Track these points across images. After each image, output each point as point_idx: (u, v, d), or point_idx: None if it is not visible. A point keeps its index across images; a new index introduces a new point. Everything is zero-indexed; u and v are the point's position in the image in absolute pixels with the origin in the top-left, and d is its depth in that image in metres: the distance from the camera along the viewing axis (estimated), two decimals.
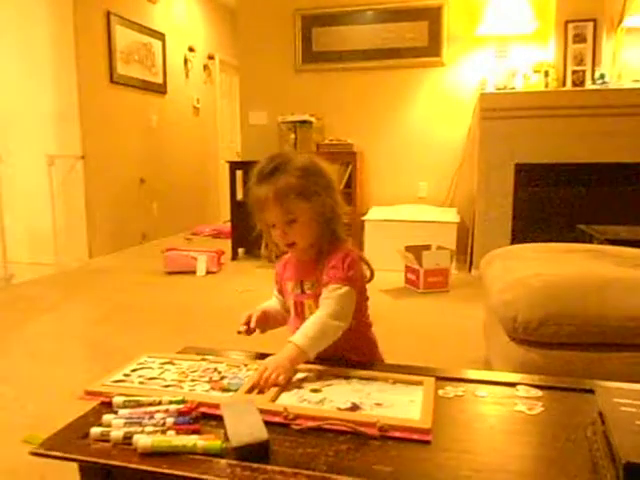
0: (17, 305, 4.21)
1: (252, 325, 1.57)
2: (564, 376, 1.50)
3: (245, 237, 5.65)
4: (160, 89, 6.89)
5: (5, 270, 4.77)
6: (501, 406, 1.24)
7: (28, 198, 5.42)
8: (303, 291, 1.58)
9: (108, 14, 5.81)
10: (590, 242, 3.51)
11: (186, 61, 7.57)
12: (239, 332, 1.57)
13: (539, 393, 1.30)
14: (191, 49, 7.66)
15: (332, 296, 1.46)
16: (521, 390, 1.31)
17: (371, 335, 1.67)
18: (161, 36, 6.85)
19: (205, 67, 8.16)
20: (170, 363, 1.45)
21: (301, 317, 1.57)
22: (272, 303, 1.72)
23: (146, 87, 6.57)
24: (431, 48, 5.51)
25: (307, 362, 1.40)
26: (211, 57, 8.29)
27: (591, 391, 1.26)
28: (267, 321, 1.62)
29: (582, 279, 2.13)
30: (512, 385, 1.34)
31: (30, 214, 5.45)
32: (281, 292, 1.71)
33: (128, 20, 6.16)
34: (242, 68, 6.20)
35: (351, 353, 1.53)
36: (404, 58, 5.59)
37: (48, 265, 5.24)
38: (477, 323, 3.10)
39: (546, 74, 4.79)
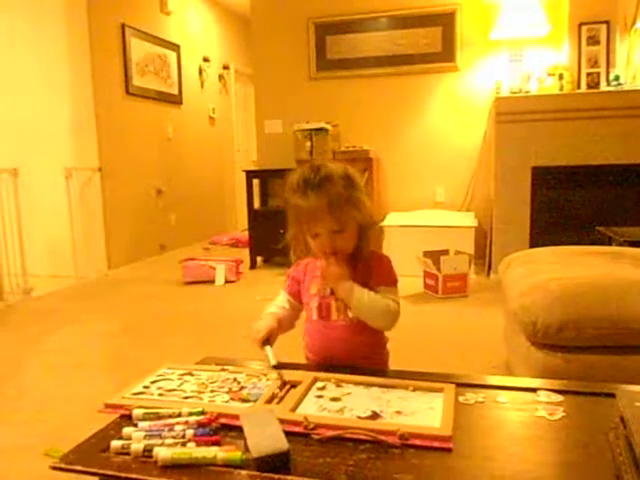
0: (37, 318, 4.24)
1: (272, 341, 1.56)
2: (586, 380, 1.49)
3: (263, 245, 5.67)
4: (176, 100, 6.93)
5: (25, 283, 4.81)
6: (522, 412, 1.23)
7: (46, 211, 5.47)
8: (332, 293, 1.59)
9: (123, 27, 5.86)
10: (609, 244, 3.48)
11: (201, 71, 7.61)
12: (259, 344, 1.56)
13: (560, 398, 1.29)
14: (206, 59, 7.70)
15: (390, 295, 1.54)
16: (542, 395, 1.30)
17: (387, 350, 1.70)
18: (176, 47, 6.90)
19: (220, 77, 8.21)
20: (189, 374, 1.45)
21: (326, 319, 1.59)
22: (281, 305, 1.71)
23: (162, 98, 6.61)
24: (445, 53, 5.51)
25: (326, 370, 1.40)
26: (226, 67, 8.33)
27: (612, 395, 1.25)
28: (280, 329, 1.62)
29: (602, 282, 2.11)
30: (533, 390, 1.33)
31: (48, 227, 5.49)
32: (294, 295, 1.71)
33: (143, 32, 6.21)
34: (257, 77, 6.23)
35: (367, 361, 1.55)
36: (418, 64, 5.59)
37: (67, 277, 5.28)
38: (497, 328, 3.08)
39: (560, 77, 4.77)
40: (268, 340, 1.54)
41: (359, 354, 1.55)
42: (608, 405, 1.23)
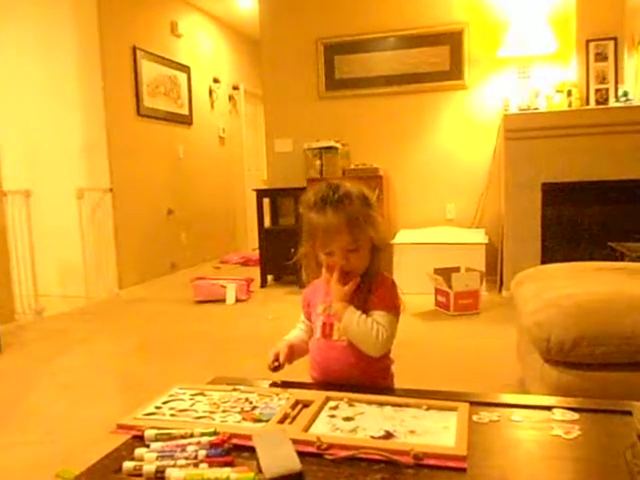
0: (48, 338, 4.25)
1: (281, 361, 1.57)
2: (601, 397, 1.47)
3: (274, 264, 5.67)
4: (186, 120, 6.98)
5: (36, 303, 4.82)
6: (537, 431, 1.22)
7: (58, 231, 5.50)
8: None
9: (134, 49, 5.92)
10: (621, 260, 3.46)
11: (211, 92, 7.67)
12: (271, 369, 1.57)
13: (575, 416, 1.27)
14: (216, 80, 7.76)
15: (383, 322, 1.51)
16: (557, 414, 1.28)
17: (391, 372, 1.66)
18: (186, 69, 6.96)
19: (230, 97, 8.27)
20: (201, 394, 1.44)
21: (328, 338, 1.58)
22: (297, 332, 1.72)
23: (172, 119, 6.66)
24: (453, 72, 5.53)
25: (339, 390, 1.39)
26: (236, 87, 8.40)
27: (629, 413, 1.24)
28: (293, 354, 1.61)
29: (615, 298, 2.09)
30: (548, 409, 1.32)
31: (60, 247, 5.52)
32: (307, 316, 1.71)
33: (154, 54, 6.27)
34: (267, 97, 6.26)
35: (367, 382, 1.53)
36: (427, 82, 5.61)
37: (78, 297, 5.30)
38: (510, 345, 3.06)
39: (569, 93, 4.78)
40: (279, 365, 1.56)
41: (356, 375, 1.52)
42: (624, 423, 1.22)
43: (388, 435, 1.18)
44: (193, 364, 3.45)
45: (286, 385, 1.46)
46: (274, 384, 1.52)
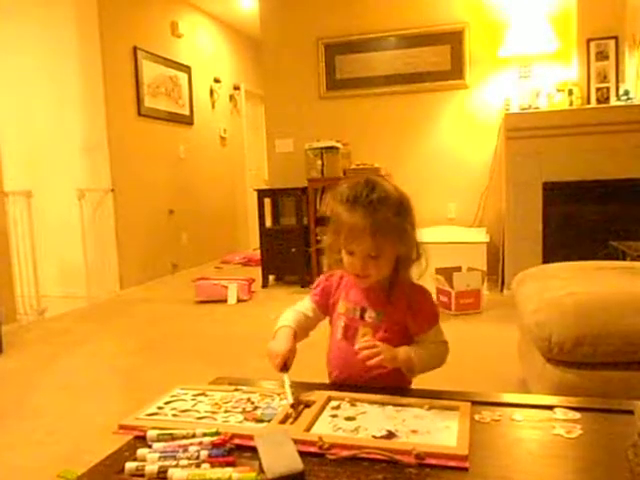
0: (50, 339, 4.25)
1: (289, 366, 1.46)
2: (603, 397, 1.47)
3: (275, 264, 5.68)
4: (187, 120, 6.99)
5: (38, 304, 4.83)
6: (539, 430, 1.22)
7: (59, 232, 5.51)
8: (362, 317, 1.53)
9: (135, 49, 5.93)
10: (623, 259, 3.46)
11: (212, 92, 7.67)
12: (278, 371, 1.46)
13: (577, 415, 1.27)
14: (217, 80, 7.76)
15: (436, 338, 1.54)
16: (559, 413, 1.28)
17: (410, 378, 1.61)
18: (187, 69, 6.96)
19: (231, 97, 8.27)
20: (203, 394, 1.44)
21: (351, 341, 1.52)
22: (299, 317, 1.61)
23: (173, 119, 6.67)
24: (454, 71, 5.53)
25: (340, 390, 1.39)
26: (237, 87, 8.40)
27: (630, 412, 1.23)
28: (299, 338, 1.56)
29: (616, 297, 2.09)
30: (549, 408, 1.31)
31: (61, 247, 5.53)
32: (321, 306, 1.63)
33: (154, 54, 6.27)
34: (267, 97, 6.27)
35: (393, 381, 1.49)
36: (427, 82, 5.61)
37: (80, 298, 5.30)
38: (511, 344, 3.06)
39: (570, 92, 4.78)
40: (286, 365, 1.44)
41: (380, 378, 1.46)
42: (626, 422, 1.22)
43: (390, 435, 1.18)
44: (195, 364, 3.46)
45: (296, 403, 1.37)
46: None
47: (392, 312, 1.50)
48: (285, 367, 1.44)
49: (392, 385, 1.48)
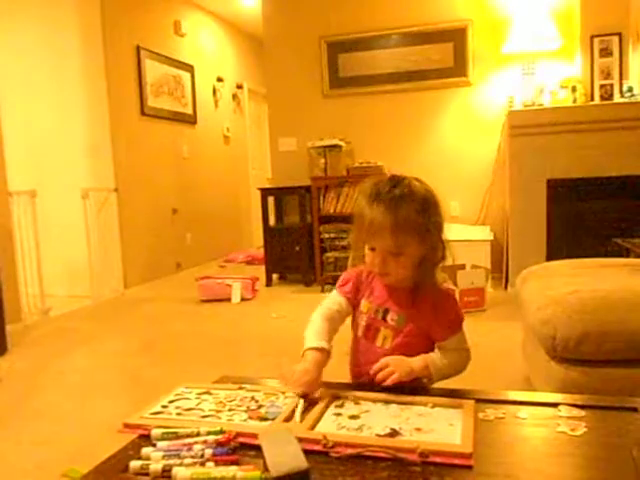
0: (54, 338, 4.26)
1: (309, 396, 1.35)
2: (607, 394, 1.46)
3: (279, 262, 5.68)
4: (190, 119, 6.99)
5: (42, 303, 4.84)
6: (543, 428, 1.21)
7: (63, 231, 5.52)
8: (384, 319, 1.51)
9: (138, 49, 5.93)
10: (627, 256, 3.45)
11: (215, 91, 7.67)
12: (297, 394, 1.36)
13: (582, 413, 1.26)
14: (220, 79, 7.76)
15: (459, 345, 1.53)
16: (563, 410, 1.28)
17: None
18: (190, 68, 6.96)
19: (234, 96, 8.27)
20: (207, 393, 1.44)
21: (371, 341, 1.52)
22: (335, 309, 1.54)
23: (176, 118, 6.67)
24: (457, 68, 5.52)
25: (344, 389, 1.39)
26: (239, 86, 8.40)
27: (635, 409, 1.23)
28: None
29: (621, 294, 2.09)
30: (554, 405, 1.31)
31: (66, 247, 5.53)
32: (351, 299, 1.57)
33: (157, 54, 6.28)
34: (270, 96, 6.26)
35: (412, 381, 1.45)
36: (431, 80, 5.61)
37: (84, 297, 5.31)
38: (516, 342, 3.06)
39: (573, 89, 4.76)
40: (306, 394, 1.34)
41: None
42: (631, 419, 1.21)
43: (394, 433, 1.18)
44: (199, 363, 3.46)
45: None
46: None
47: (415, 315, 1.49)
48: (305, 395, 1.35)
49: (411, 382, 1.44)
